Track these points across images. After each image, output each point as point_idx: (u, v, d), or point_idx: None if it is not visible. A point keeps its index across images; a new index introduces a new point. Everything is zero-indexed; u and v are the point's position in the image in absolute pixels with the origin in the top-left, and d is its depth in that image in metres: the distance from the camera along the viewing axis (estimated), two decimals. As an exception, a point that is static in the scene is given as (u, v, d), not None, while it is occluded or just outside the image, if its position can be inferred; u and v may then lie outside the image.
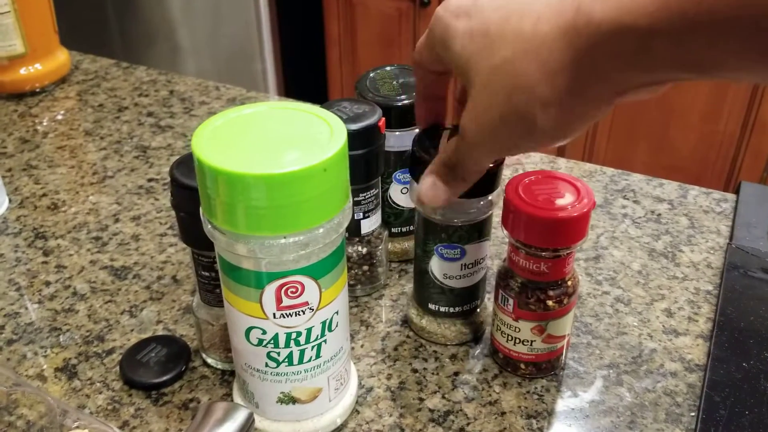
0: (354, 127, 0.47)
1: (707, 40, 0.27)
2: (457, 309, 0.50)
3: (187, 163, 0.42)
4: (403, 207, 0.57)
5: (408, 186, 0.55)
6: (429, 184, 0.41)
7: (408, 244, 0.59)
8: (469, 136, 0.37)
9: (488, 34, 0.34)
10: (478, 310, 0.51)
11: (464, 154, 0.39)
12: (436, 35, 0.38)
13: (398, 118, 0.52)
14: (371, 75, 0.54)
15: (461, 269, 0.48)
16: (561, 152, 1.73)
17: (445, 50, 0.37)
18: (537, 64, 0.32)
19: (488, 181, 0.44)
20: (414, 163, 0.46)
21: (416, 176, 0.46)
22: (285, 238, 0.35)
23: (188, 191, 0.41)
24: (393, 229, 0.58)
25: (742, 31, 0.27)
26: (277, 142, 0.36)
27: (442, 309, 0.50)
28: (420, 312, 0.51)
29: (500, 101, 0.34)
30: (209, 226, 0.37)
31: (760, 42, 0.27)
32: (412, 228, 0.58)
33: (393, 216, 0.57)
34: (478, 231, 0.47)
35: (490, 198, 0.45)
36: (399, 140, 0.53)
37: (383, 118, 0.49)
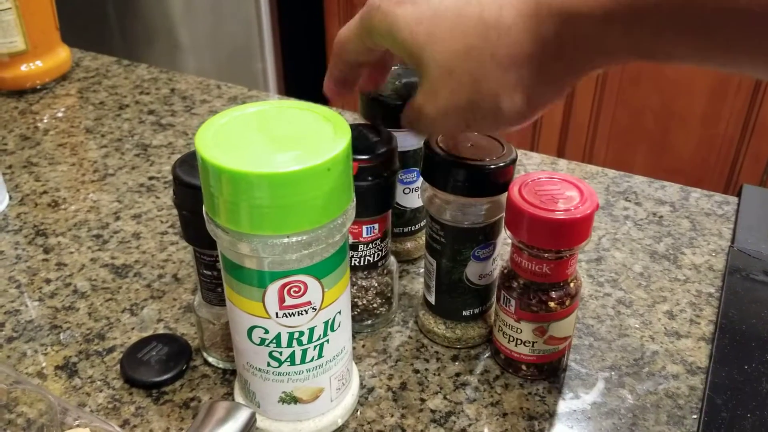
0: (367, 156, 0.45)
1: (653, 30, 0.29)
2: (485, 306, 0.50)
3: (189, 161, 0.42)
4: (405, 207, 0.56)
5: (410, 186, 0.55)
6: None
7: (410, 245, 0.59)
8: (430, 117, 0.38)
9: (443, 20, 0.34)
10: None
11: (423, 129, 0.40)
12: (374, 24, 0.37)
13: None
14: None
15: (492, 264, 0.49)
16: (560, 154, 1.73)
17: (386, 39, 0.37)
18: (505, 50, 0.32)
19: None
20: (426, 163, 0.45)
21: (428, 176, 0.46)
22: (288, 237, 0.35)
23: (191, 190, 0.41)
24: (395, 230, 0.57)
25: (684, 23, 0.28)
26: (281, 141, 0.36)
27: (476, 311, 0.50)
28: (450, 324, 0.51)
29: (467, 87, 0.34)
30: (212, 225, 0.37)
31: (703, 34, 0.28)
32: (413, 228, 0.58)
33: (395, 216, 0.57)
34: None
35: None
36: (402, 140, 0.53)
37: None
